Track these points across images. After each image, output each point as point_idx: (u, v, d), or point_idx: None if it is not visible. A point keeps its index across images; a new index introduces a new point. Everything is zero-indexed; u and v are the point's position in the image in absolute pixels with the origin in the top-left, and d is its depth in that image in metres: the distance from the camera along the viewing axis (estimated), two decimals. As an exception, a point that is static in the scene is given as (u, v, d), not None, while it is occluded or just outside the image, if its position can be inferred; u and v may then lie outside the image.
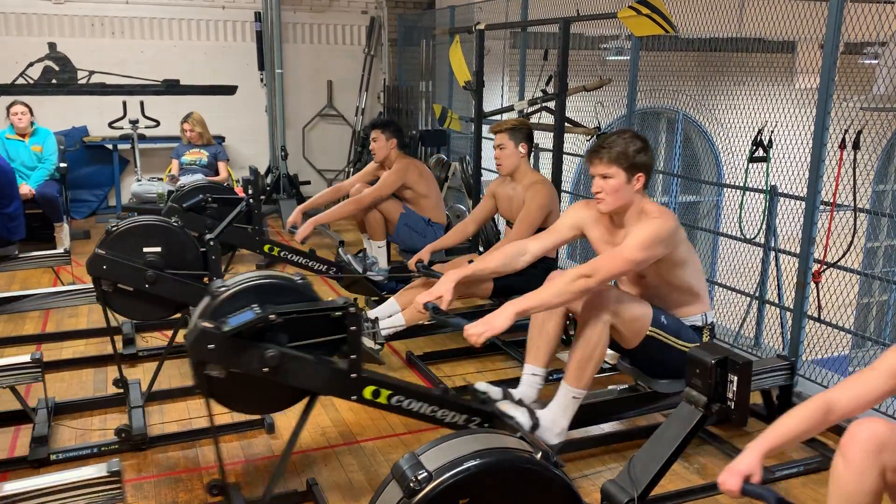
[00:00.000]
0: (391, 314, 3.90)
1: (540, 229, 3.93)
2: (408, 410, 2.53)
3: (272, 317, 2.26)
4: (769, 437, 2.02)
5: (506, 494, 1.75)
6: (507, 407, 2.69)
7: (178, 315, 3.61)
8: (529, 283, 3.99)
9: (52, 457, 2.94)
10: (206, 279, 3.51)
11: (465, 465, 1.71)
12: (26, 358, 2.96)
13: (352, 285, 4.50)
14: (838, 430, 3.17)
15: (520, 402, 2.78)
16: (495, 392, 2.80)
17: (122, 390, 3.40)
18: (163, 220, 3.46)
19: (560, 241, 3.17)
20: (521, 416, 2.66)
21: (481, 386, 2.81)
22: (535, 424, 2.75)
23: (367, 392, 2.46)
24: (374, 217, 4.97)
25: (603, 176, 2.81)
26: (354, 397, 2.45)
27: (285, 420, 3.27)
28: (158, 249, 3.35)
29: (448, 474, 1.69)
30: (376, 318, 3.78)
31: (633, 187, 2.81)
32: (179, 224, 3.48)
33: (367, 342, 3.61)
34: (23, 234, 4.90)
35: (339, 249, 4.59)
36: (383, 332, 3.74)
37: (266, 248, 4.74)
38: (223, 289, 2.38)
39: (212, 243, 3.52)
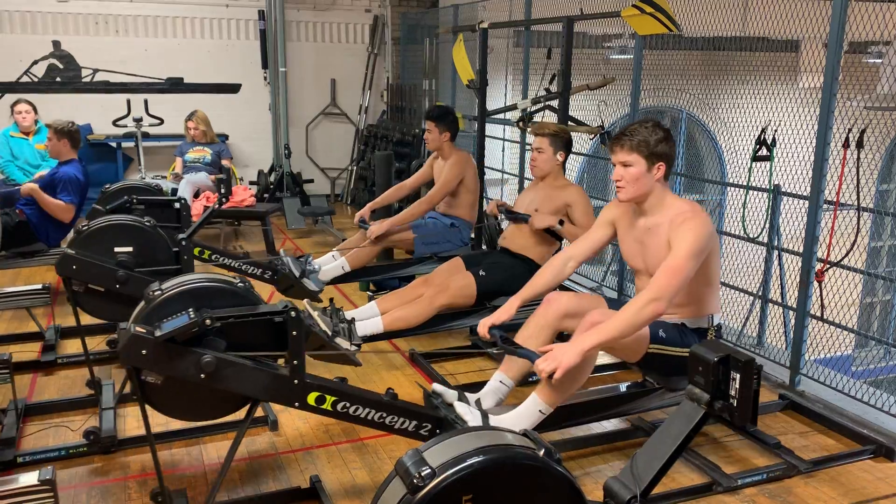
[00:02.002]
0: (370, 317, 3.83)
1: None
2: (354, 417, 2.43)
3: (208, 321, 2.19)
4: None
5: (509, 491, 1.76)
6: (461, 410, 2.57)
7: None
8: (515, 283, 4.00)
9: (19, 459, 2.89)
10: None
11: (469, 462, 1.71)
12: None
13: (287, 289, 4.31)
14: (847, 432, 3.18)
15: (476, 404, 2.69)
16: (450, 395, 2.70)
17: (94, 392, 3.37)
18: (135, 220, 3.41)
19: (599, 241, 3.11)
20: (474, 421, 2.52)
21: (437, 388, 2.71)
22: None
23: (311, 398, 2.37)
24: (371, 252, 4.74)
25: (623, 164, 2.79)
26: (297, 404, 2.36)
27: (289, 417, 3.28)
28: (130, 249, 3.30)
29: (452, 471, 1.70)
30: (353, 319, 3.71)
31: (653, 176, 2.78)
32: (152, 223, 3.42)
33: (343, 343, 3.51)
34: (57, 243, 4.95)
35: (281, 251, 4.48)
36: (360, 334, 3.66)
37: (196, 251, 4.25)
38: (158, 292, 2.31)
39: (184, 243, 3.47)
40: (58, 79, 5.98)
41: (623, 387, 3.41)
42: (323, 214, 7.30)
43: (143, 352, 2.16)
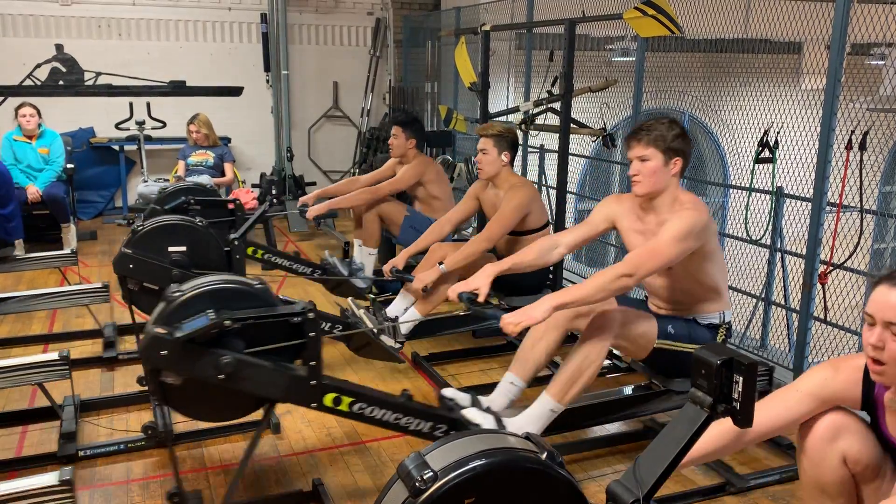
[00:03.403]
0: (406, 308, 3.89)
1: (522, 232, 3.95)
2: (370, 418, 2.45)
3: (227, 322, 2.20)
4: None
5: (511, 494, 1.75)
6: (473, 414, 2.59)
7: None
8: (528, 277, 3.99)
9: (80, 453, 2.98)
10: None
11: (471, 465, 1.71)
12: (55, 356, 2.98)
13: (336, 287, 4.54)
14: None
15: (488, 410, 2.70)
16: (463, 398, 2.73)
17: (146, 388, 3.42)
18: (188, 220, 3.53)
19: (592, 234, 3.10)
20: (487, 424, 2.54)
21: (448, 392, 2.75)
22: None
23: (328, 399, 2.38)
24: (370, 221, 4.90)
25: (640, 158, 2.79)
26: (314, 405, 2.38)
27: (291, 420, 3.28)
28: (183, 248, 3.43)
29: (453, 474, 1.70)
30: (396, 317, 3.80)
31: (669, 171, 2.79)
32: (204, 223, 3.53)
33: (388, 341, 3.62)
34: (21, 234, 4.93)
35: (326, 252, 4.64)
36: (403, 330, 3.75)
37: (249, 250, 4.46)
38: (178, 293, 2.32)
39: (236, 243, 3.59)
40: (61, 82, 5.99)
41: (629, 389, 3.40)
42: (325, 217, 7.29)
43: (163, 352, 2.18)
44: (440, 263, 3.76)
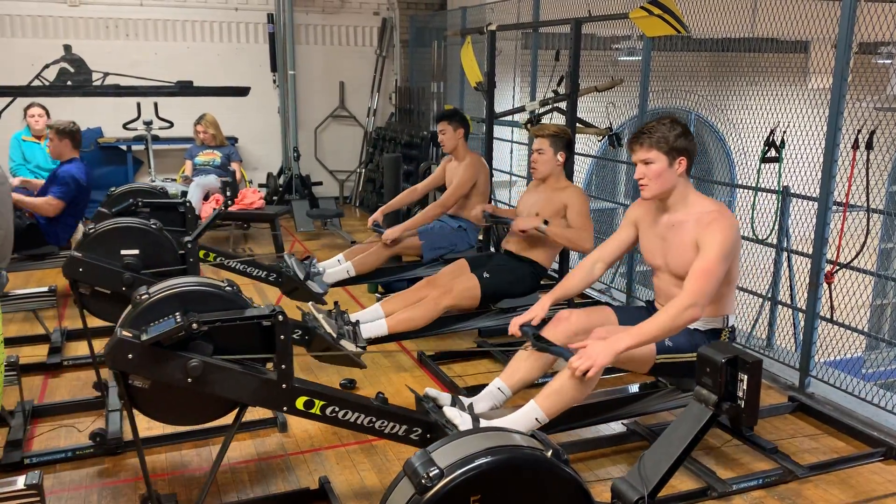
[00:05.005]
0: (374, 320, 3.82)
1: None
2: (344, 422, 2.41)
3: (195, 325, 2.18)
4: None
5: (517, 492, 1.76)
6: (451, 414, 2.52)
7: None
8: (519, 286, 4.02)
9: (26, 461, 2.91)
10: None
11: (477, 463, 1.72)
12: None
13: (292, 292, 4.34)
14: (858, 435, 3.17)
15: (469, 408, 2.64)
16: (443, 398, 2.67)
17: (100, 394, 3.37)
18: (141, 223, 3.41)
19: (626, 240, 3.10)
20: (464, 425, 2.46)
21: (431, 392, 2.68)
22: None
23: (300, 403, 2.35)
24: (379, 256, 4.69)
25: (644, 162, 2.79)
26: (286, 408, 2.35)
27: (298, 419, 3.28)
28: (136, 252, 3.30)
29: (460, 471, 1.70)
30: (357, 322, 3.70)
31: (675, 171, 2.78)
32: (158, 226, 3.42)
33: (349, 346, 3.50)
34: (65, 242, 4.98)
35: (285, 254, 4.53)
36: (364, 336, 3.65)
37: (201, 253, 4.25)
38: (146, 296, 2.30)
39: (190, 245, 3.47)
40: (69, 82, 6.03)
41: (636, 387, 3.40)
42: (332, 217, 7.33)
43: (130, 356, 2.16)
44: (545, 222, 3.83)
